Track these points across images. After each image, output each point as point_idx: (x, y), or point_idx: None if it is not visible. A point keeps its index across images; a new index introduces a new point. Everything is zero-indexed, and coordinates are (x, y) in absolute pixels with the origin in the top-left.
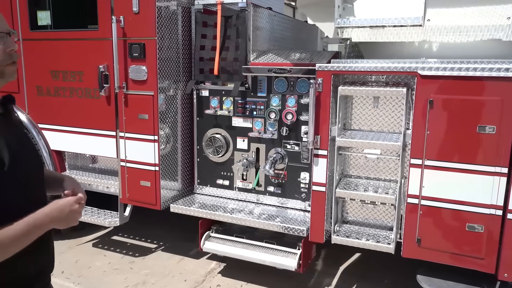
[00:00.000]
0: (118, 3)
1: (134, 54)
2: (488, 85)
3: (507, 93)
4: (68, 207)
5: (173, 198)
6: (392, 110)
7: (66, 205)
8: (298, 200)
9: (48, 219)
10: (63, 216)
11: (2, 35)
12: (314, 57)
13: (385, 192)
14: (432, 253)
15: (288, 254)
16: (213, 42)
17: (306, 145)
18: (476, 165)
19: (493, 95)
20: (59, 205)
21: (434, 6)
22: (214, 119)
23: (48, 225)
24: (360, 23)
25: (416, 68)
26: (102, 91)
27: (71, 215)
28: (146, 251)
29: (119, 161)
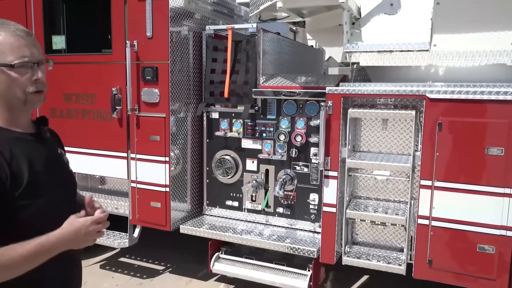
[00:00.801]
0: (132, 28)
1: (147, 77)
2: (495, 108)
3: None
4: (84, 228)
5: (183, 219)
6: (401, 132)
7: (83, 226)
8: (307, 222)
9: (62, 240)
10: (79, 237)
11: (30, 65)
12: (322, 81)
13: (395, 213)
14: (443, 274)
15: (298, 276)
16: (224, 66)
17: (315, 166)
18: (485, 186)
19: (500, 118)
20: (74, 226)
21: (440, 32)
22: (223, 140)
23: (62, 246)
24: (369, 48)
25: (424, 91)
26: (114, 113)
27: (87, 236)
28: (154, 273)
29: (130, 182)
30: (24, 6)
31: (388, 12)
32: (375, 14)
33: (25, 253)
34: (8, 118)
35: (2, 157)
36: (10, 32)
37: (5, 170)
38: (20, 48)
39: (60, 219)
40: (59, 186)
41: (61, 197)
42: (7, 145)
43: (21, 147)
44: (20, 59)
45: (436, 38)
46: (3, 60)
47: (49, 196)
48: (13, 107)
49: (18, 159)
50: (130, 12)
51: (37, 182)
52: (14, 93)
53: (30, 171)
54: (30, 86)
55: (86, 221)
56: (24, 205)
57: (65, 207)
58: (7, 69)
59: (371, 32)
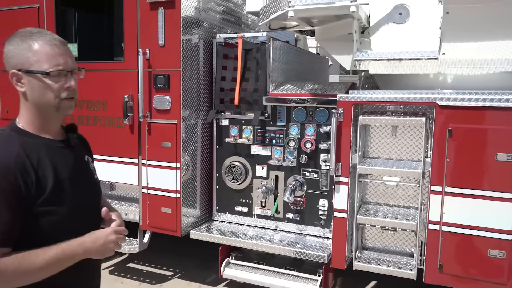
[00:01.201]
0: (144, 37)
1: (158, 84)
2: (505, 115)
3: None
4: (103, 238)
5: (192, 225)
6: (411, 138)
7: (101, 236)
8: (317, 227)
9: (81, 248)
10: (97, 246)
11: (64, 73)
12: (330, 88)
13: (406, 219)
14: (454, 279)
15: (309, 281)
16: (234, 74)
17: (325, 172)
18: (495, 192)
19: (510, 125)
20: (94, 235)
21: (449, 41)
22: (233, 147)
23: (80, 255)
24: (378, 56)
25: (434, 98)
26: (126, 120)
27: (106, 245)
28: (163, 279)
29: (141, 188)
30: (37, 14)
31: (397, 21)
32: (384, 23)
33: (47, 259)
34: (39, 124)
35: (30, 163)
36: (46, 41)
37: (31, 177)
38: (55, 56)
39: (84, 226)
40: (83, 194)
41: (86, 205)
42: (36, 152)
43: (49, 154)
44: (55, 67)
45: (445, 46)
46: (39, 68)
47: (73, 204)
48: (45, 114)
49: (44, 166)
50: (142, 21)
51: (61, 190)
52: (48, 99)
53: (55, 179)
54: (63, 93)
55: (105, 232)
56: (47, 212)
57: (89, 214)
58: (43, 76)
59: (380, 40)
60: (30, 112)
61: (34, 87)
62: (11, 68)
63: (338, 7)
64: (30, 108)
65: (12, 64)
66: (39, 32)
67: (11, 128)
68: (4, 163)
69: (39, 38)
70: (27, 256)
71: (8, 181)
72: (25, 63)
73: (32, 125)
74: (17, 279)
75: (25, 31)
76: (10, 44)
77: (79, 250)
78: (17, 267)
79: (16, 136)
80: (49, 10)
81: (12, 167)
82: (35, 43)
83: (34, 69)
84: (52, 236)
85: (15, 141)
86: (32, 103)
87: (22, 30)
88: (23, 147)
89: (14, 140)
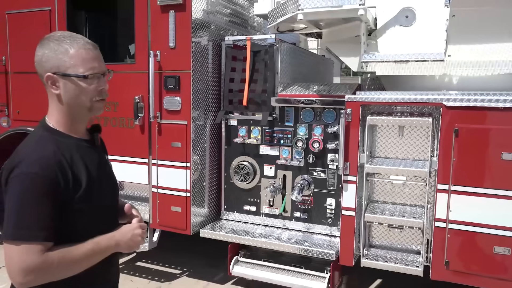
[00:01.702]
0: (155, 39)
1: (169, 86)
2: (510, 115)
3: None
4: (130, 232)
5: (201, 223)
6: (417, 138)
7: (130, 230)
8: (324, 225)
9: (113, 242)
10: (126, 240)
11: (98, 76)
12: (337, 89)
13: (413, 217)
14: (460, 275)
15: (317, 278)
16: (242, 75)
17: (332, 172)
18: (500, 190)
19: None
20: (122, 230)
21: (455, 43)
22: (242, 147)
23: (113, 248)
24: (385, 58)
25: (441, 99)
26: (136, 121)
27: (133, 239)
28: (172, 277)
29: (151, 187)
30: (49, 17)
31: (403, 24)
32: (391, 26)
33: (86, 252)
34: (70, 125)
35: (66, 161)
36: (81, 45)
37: (68, 174)
38: (90, 60)
39: (108, 223)
40: (107, 192)
41: (110, 202)
42: (69, 151)
43: (79, 153)
44: (89, 70)
45: (451, 48)
46: (75, 71)
47: (101, 200)
48: (77, 115)
49: (78, 164)
50: (153, 24)
51: (92, 188)
52: (82, 101)
53: (88, 176)
54: (96, 95)
55: (132, 226)
56: (81, 208)
57: (111, 211)
58: (78, 79)
59: (387, 42)
60: (62, 113)
61: (69, 90)
62: (45, 72)
63: (347, 10)
64: (62, 109)
65: (47, 67)
66: (71, 36)
67: (43, 128)
68: (43, 161)
69: (74, 42)
70: (69, 250)
71: (49, 178)
72: (61, 67)
73: (63, 125)
74: (61, 272)
75: (58, 36)
76: (44, 48)
77: (111, 243)
78: (61, 260)
79: (50, 136)
80: (60, 13)
81: (52, 164)
82: (71, 47)
83: (70, 73)
84: (83, 232)
85: (50, 140)
86: (66, 105)
87: (54, 35)
88: (57, 146)
89: (49, 139)
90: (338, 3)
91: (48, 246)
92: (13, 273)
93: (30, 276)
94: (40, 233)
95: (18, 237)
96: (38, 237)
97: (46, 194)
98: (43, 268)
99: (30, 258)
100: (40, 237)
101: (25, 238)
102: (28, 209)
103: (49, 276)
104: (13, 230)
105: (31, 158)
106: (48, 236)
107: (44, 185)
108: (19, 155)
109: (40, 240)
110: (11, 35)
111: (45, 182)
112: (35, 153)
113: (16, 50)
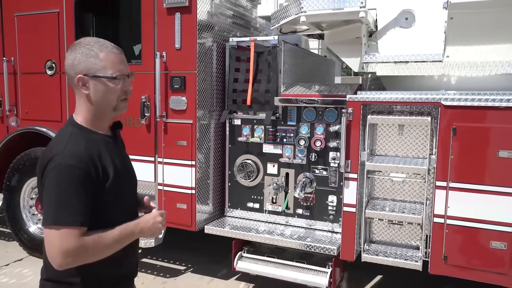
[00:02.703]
0: (161, 41)
1: (175, 86)
2: (506, 114)
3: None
4: (152, 219)
5: (206, 220)
6: (416, 137)
7: (151, 217)
8: (326, 222)
9: (137, 228)
10: (149, 226)
11: (124, 77)
12: (338, 89)
13: (412, 213)
14: (458, 270)
15: (319, 273)
16: (246, 75)
17: (334, 170)
18: (496, 186)
19: (511, 123)
20: (145, 218)
21: (453, 44)
22: (245, 146)
23: (137, 234)
24: (386, 59)
25: (439, 99)
26: (143, 120)
27: (155, 226)
28: (177, 273)
29: (157, 185)
30: (57, 19)
31: (403, 26)
32: (391, 27)
33: (115, 237)
34: (96, 122)
35: (95, 155)
36: (109, 50)
37: (98, 167)
38: (117, 63)
39: (130, 212)
40: (130, 184)
41: (132, 193)
42: (97, 146)
43: (106, 148)
44: (117, 72)
45: (449, 49)
46: (104, 73)
47: (125, 191)
48: (103, 113)
49: (105, 158)
50: (159, 26)
51: (118, 180)
52: (110, 100)
53: (114, 169)
54: (122, 95)
55: (153, 214)
56: (109, 198)
57: (133, 202)
58: (107, 80)
59: (388, 44)
60: (90, 111)
61: (98, 90)
62: (76, 74)
63: (348, 13)
64: (90, 108)
65: (78, 70)
66: (100, 42)
67: (72, 125)
68: (77, 154)
69: (103, 47)
70: (101, 235)
71: (82, 170)
72: (92, 69)
73: (90, 122)
74: (95, 254)
75: (87, 41)
76: (76, 53)
77: (136, 229)
78: (95, 244)
79: (79, 132)
80: (69, 15)
81: (84, 157)
82: (101, 51)
83: (101, 74)
84: (111, 220)
85: (80, 136)
86: (94, 104)
87: (84, 40)
88: (87, 141)
89: (79, 135)
90: (340, 6)
91: (84, 231)
92: (54, 255)
93: (69, 258)
94: (78, 218)
95: (58, 222)
96: (76, 222)
97: (81, 183)
98: (80, 251)
99: (69, 241)
100: (78, 222)
101: (65, 223)
102: (66, 197)
103: (85, 258)
104: (54, 216)
105: (65, 152)
106: (84, 222)
107: (79, 176)
108: (52, 150)
109: (77, 225)
110: (19, 36)
111: (80, 173)
112: (68, 148)
113: (24, 51)
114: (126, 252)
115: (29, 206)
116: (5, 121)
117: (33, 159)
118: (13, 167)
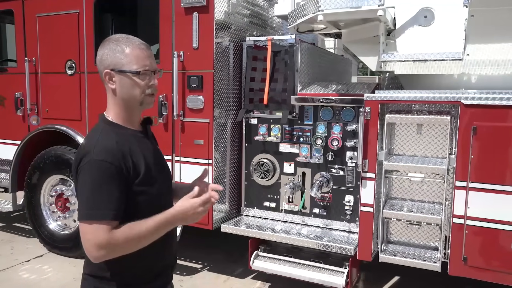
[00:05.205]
0: (179, 40)
1: (192, 85)
2: None
3: None
4: (192, 209)
5: (222, 219)
6: (435, 136)
7: (191, 207)
8: (343, 222)
9: (174, 218)
10: (188, 215)
11: (149, 73)
12: (355, 88)
13: (431, 213)
14: (478, 271)
15: (335, 273)
16: (263, 74)
17: (351, 169)
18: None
19: None
20: (184, 206)
21: (474, 42)
22: (262, 145)
23: (174, 222)
24: (404, 58)
25: (459, 98)
26: (160, 119)
27: (195, 215)
28: (193, 271)
29: (174, 183)
30: (77, 19)
31: (422, 24)
32: (409, 26)
33: (149, 228)
34: (126, 117)
35: (126, 150)
36: (136, 45)
37: (129, 161)
38: (143, 59)
39: (164, 204)
40: (163, 177)
41: (165, 187)
42: (128, 140)
43: (137, 142)
44: (142, 67)
45: (470, 48)
46: (130, 68)
47: (158, 185)
48: (131, 107)
49: (136, 152)
50: (177, 25)
51: (150, 173)
52: (135, 95)
53: (145, 163)
54: (147, 90)
55: (195, 203)
56: (142, 191)
57: (166, 195)
58: (133, 75)
59: (406, 42)
60: (118, 106)
61: (124, 84)
62: (104, 68)
63: (366, 11)
64: (118, 103)
65: (105, 64)
66: (128, 38)
67: (104, 122)
68: (109, 150)
69: (130, 43)
70: (133, 226)
71: (114, 164)
72: (118, 64)
73: (121, 118)
74: (127, 247)
75: (116, 37)
76: (105, 48)
77: (173, 219)
78: (127, 237)
79: (110, 128)
80: (88, 16)
81: (116, 153)
82: (127, 47)
83: (126, 69)
84: (145, 212)
85: (111, 132)
86: (121, 98)
87: (114, 36)
88: (118, 136)
89: (110, 131)
90: (358, 4)
91: (115, 225)
92: (88, 249)
93: (102, 251)
94: (108, 212)
95: (90, 217)
96: (106, 216)
97: (113, 178)
98: (112, 243)
99: (101, 235)
100: (108, 216)
101: (95, 217)
102: (98, 192)
103: (119, 249)
104: (86, 211)
105: (97, 148)
106: (115, 216)
107: (110, 171)
108: (86, 146)
109: (108, 219)
110: (41, 36)
111: (112, 168)
112: (100, 144)
113: (45, 51)
114: (164, 243)
115: (49, 204)
116: (27, 120)
117: (53, 157)
118: (33, 165)
